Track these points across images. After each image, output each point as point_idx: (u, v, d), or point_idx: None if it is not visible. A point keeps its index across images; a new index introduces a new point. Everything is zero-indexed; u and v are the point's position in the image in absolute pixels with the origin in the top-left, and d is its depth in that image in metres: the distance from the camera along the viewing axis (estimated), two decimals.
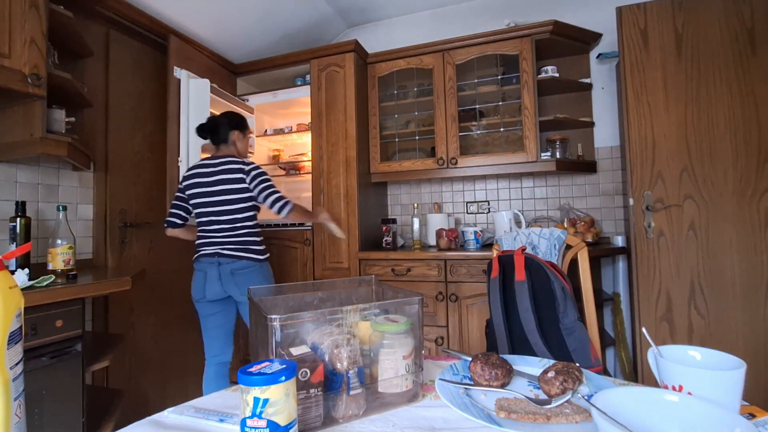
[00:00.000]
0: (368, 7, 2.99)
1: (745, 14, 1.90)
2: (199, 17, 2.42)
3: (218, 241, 1.86)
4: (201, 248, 1.89)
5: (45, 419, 1.28)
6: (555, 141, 2.51)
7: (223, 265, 1.83)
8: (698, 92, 1.96)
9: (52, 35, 1.55)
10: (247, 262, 1.85)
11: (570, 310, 1.18)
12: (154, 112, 2.37)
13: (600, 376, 0.78)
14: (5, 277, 0.50)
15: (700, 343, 1.89)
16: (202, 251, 1.88)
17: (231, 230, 1.87)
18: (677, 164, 1.98)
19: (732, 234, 1.90)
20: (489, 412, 0.65)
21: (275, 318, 0.64)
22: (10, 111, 1.52)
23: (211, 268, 1.84)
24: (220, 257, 1.84)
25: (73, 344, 1.38)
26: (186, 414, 0.67)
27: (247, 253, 1.86)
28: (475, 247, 2.37)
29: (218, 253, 1.84)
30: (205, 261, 1.86)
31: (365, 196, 2.65)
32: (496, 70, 2.61)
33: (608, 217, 2.60)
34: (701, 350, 0.66)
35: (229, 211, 1.86)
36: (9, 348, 0.49)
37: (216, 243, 1.86)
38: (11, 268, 1.45)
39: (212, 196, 1.86)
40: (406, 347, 0.72)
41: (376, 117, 2.75)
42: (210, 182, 1.87)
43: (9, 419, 0.48)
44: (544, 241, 1.51)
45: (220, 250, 1.85)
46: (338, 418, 0.66)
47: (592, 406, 0.53)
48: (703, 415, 0.52)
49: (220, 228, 1.87)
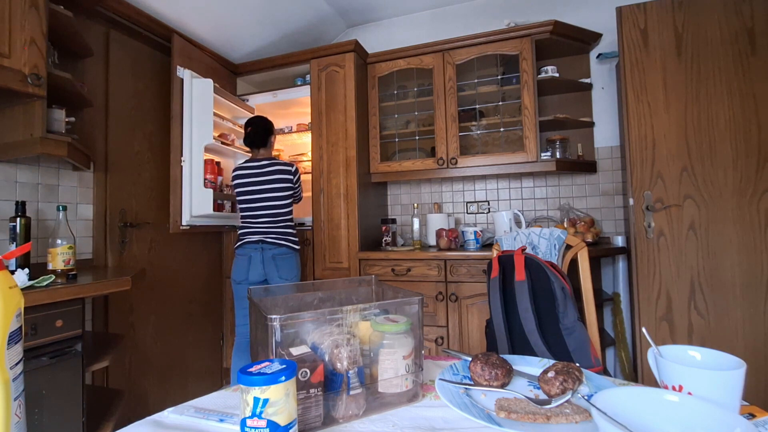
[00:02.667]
0: (368, 7, 2.99)
1: (745, 14, 1.90)
2: (199, 17, 2.42)
3: (263, 231, 2.16)
4: (246, 237, 2.17)
5: (45, 419, 1.28)
6: (555, 141, 2.51)
7: (266, 250, 2.13)
8: (698, 92, 1.96)
9: (52, 35, 1.55)
10: (286, 249, 2.16)
11: (570, 310, 1.18)
12: (154, 112, 2.37)
13: (600, 376, 0.78)
14: (5, 277, 0.50)
15: (700, 343, 1.89)
16: (247, 239, 2.16)
17: (274, 222, 2.18)
18: (677, 164, 1.98)
19: (732, 234, 1.90)
20: (489, 412, 0.65)
21: (275, 318, 0.64)
22: (10, 111, 1.52)
23: (256, 253, 2.13)
24: (264, 244, 2.14)
25: (73, 344, 1.38)
26: (186, 414, 0.67)
27: (286, 242, 2.17)
28: (475, 247, 2.37)
29: (263, 241, 2.14)
30: (249, 247, 2.14)
31: (365, 196, 2.65)
32: (496, 70, 2.61)
33: (608, 217, 2.60)
34: (701, 350, 0.66)
35: (274, 206, 2.17)
36: (9, 348, 0.49)
37: (261, 232, 2.15)
38: (11, 268, 1.45)
39: (260, 193, 2.16)
40: (406, 347, 0.72)
41: (376, 117, 2.75)
42: (259, 181, 2.16)
43: (9, 419, 0.48)
44: (544, 241, 1.51)
45: (264, 238, 2.14)
46: (338, 418, 0.66)
47: (592, 406, 0.53)
48: (703, 415, 0.52)
49: (266, 220, 2.16)
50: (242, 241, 2.17)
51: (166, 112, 2.33)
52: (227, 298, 2.82)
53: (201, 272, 2.66)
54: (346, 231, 2.51)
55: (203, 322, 2.67)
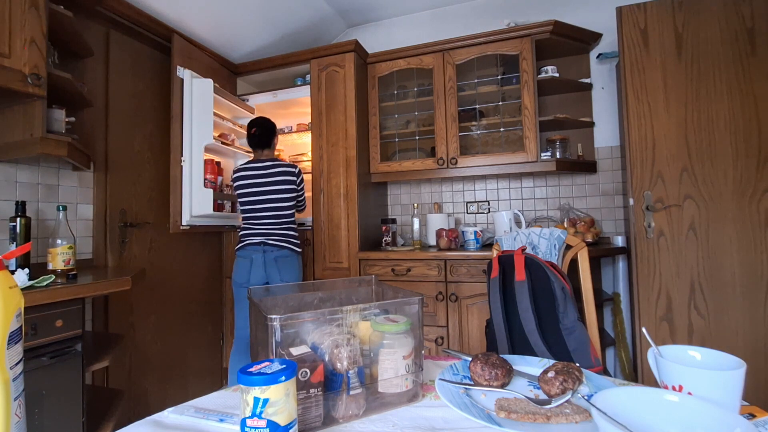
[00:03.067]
0: (368, 7, 2.99)
1: (745, 14, 1.90)
2: (199, 17, 2.42)
3: (265, 232, 2.12)
4: (247, 238, 2.13)
5: (45, 419, 1.28)
6: (555, 141, 2.51)
7: (268, 252, 2.09)
8: (698, 92, 1.96)
9: (52, 35, 1.55)
10: (289, 251, 2.13)
11: (570, 310, 1.18)
12: (154, 112, 2.37)
13: (600, 376, 0.78)
14: (5, 277, 0.50)
15: (700, 342, 1.89)
16: (249, 240, 2.12)
17: (276, 224, 2.14)
18: (677, 164, 1.98)
19: (732, 234, 1.90)
20: (489, 412, 0.65)
21: (275, 318, 0.64)
22: (10, 111, 1.52)
23: (257, 255, 2.09)
24: (266, 246, 2.10)
25: (73, 344, 1.38)
26: (186, 414, 0.67)
27: (288, 244, 2.13)
28: (475, 247, 2.37)
29: (264, 242, 2.10)
30: (251, 249, 2.10)
31: (365, 196, 2.65)
32: (496, 70, 2.61)
33: (608, 217, 2.60)
34: (701, 350, 0.66)
35: (276, 208, 2.14)
36: (9, 348, 0.49)
37: (263, 234, 2.12)
38: (11, 268, 1.45)
39: (263, 194, 2.13)
40: (406, 347, 0.72)
41: (376, 117, 2.75)
42: (262, 182, 2.13)
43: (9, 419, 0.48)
44: (544, 241, 1.50)
45: (266, 240, 2.10)
46: (338, 418, 0.66)
47: (592, 406, 0.53)
48: (703, 415, 0.52)
49: (269, 222, 2.13)
50: (244, 242, 2.14)
51: (166, 112, 2.33)
52: (227, 298, 2.82)
53: (201, 272, 2.66)
54: (346, 231, 2.51)
55: (203, 321, 2.67)
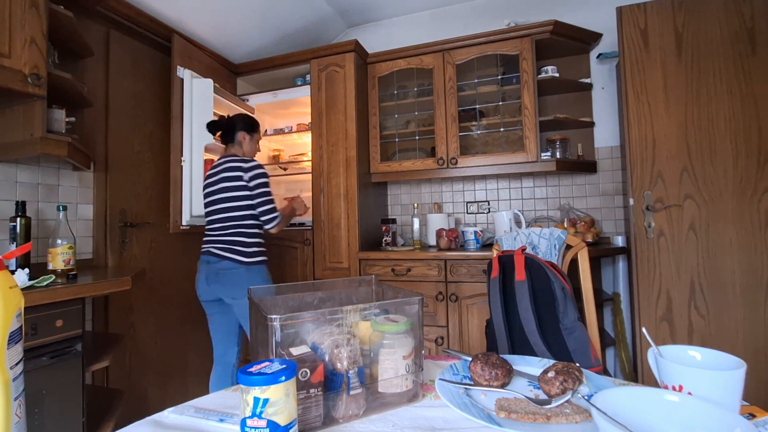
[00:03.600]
0: (368, 7, 2.99)
1: (745, 14, 1.90)
2: (199, 17, 2.42)
3: (211, 240, 1.85)
4: (202, 246, 1.90)
5: (45, 419, 1.28)
6: (555, 141, 2.51)
7: (212, 263, 1.80)
8: (698, 92, 1.96)
9: (52, 35, 1.55)
10: (230, 263, 1.77)
11: (570, 310, 1.18)
12: (154, 112, 2.36)
13: (600, 376, 0.78)
14: (5, 277, 0.50)
15: (700, 343, 1.89)
16: (202, 250, 1.90)
17: (222, 229, 1.83)
18: (677, 164, 1.98)
19: (732, 234, 1.90)
20: (489, 412, 0.65)
21: (275, 318, 0.64)
22: (10, 111, 1.52)
23: (202, 267, 1.85)
24: (210, 256, 1.81)
25: (73, 344, 1.38)
26: (186, 414, 0.67)
27: (231, 254, 1.78)
28: (475, 247, 2.37)
29: (209, 252, 1.82)
30: (201, 260, 1.87)
31: (365, 196, 2.65)
32: (496, 70, 2.61)
33: (608, 217, 2.60)
34: (701, 350, 0.66)
35: (224, 209, 1.83)
36: (9, 348, 0.49)
37: (209, 242, 1.86)
38: (11, 268, 1.45)
39: (213, 195, 1.87)
40: (406, 347, 0.72)
41: (376, 117, 2.75)
42: (213, 182, 1.88)
43: (9, 419, 0.48)
44: (544, 241, 1.50)
45: (210, 249, 1.83)
46: (338, 418, 0.66)
47: (592, 406, 0.53)
48: (703, 415, 0.52)
49: (216, 227, 1.85)
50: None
51: (166, 112, 2.33)
52: None
53: None
54: (346, 231, 2.51)
55: (203, 321, 2.64)
